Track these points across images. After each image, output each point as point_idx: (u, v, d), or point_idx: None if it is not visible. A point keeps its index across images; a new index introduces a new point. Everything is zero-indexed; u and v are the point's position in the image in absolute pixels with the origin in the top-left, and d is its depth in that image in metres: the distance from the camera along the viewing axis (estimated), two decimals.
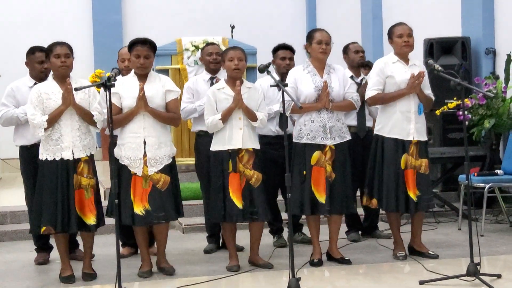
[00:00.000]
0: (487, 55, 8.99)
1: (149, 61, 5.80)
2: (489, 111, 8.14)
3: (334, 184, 5.96)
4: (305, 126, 5.99)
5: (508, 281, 5.41)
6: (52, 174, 5.60)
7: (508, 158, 7.78)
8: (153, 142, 5.72)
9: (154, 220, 5.72)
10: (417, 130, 6.12)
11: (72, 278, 5.76)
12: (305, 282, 5.27)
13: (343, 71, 6.31)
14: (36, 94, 5.61)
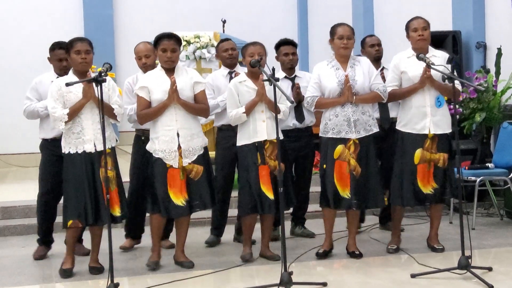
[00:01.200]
0: (478, 49, 9.01)
1: (175, 54, 5.84)
2: (480, 104, 8.15)
3: (359, 178, 5.95)
4: (330, 121, 5.99)
5: (499, 274, 5.44)
6: (76, 168, 5.65)
7: (499, 152, 7.79)
8: (186, 133, 5.76)
9: (193, 209, 5.82)
10: (435, 123, 6.06)
11: (70, 272, 5.76)
12: (297, 275, 5.28)
13: (368, 63, 6.25)
14: (56, 88, 5.66)
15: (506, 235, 7.00)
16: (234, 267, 5.94)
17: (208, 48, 9.50)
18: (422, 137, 6.08)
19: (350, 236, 6.24)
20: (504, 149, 7.69)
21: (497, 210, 7.93)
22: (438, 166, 6.08)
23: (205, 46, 9.52)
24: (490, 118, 8.15)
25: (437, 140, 6.08)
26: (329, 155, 5.97)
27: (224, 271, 5.82)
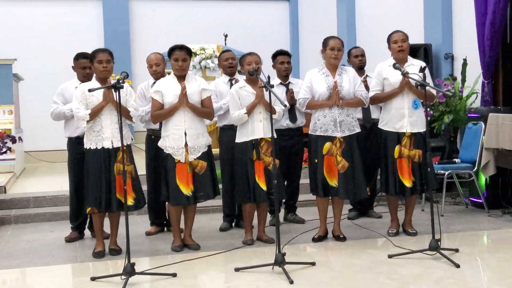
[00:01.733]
0: (446, 60, 9.02)
1: (186, 63, 5.87)
2: (448, 108, 8.20)
3: (346, 172, 5.97)
4: (319, 121, 6.03)
5: (465, 255, 5.46)
6: (95, 161, 5.70)
7: (464, 149, 7.82)
8: (193, 133, 5.80)
9: (198, 200, 5.86)
10: (411, 123, 6.10)
11: (102, 254, 5.82)
12: (289, 256, 5.30)
13: (353, 72, 6.33)
14: (80, 92, 5.71)
15: (470, 221, 7.01)
16: (234, 249, 5.95)
17: (212, 59, 9.51)
18: (400, 135, 6.11)
19: (335, 221, 6.25)
20: (469, 147, 7.71)
21: (463, 199, 7.98)
22: (414, 162, 6.11)
23: (209, 57, 9.53)
24: (457, 119, 8.19)
25: (413, 138, 6.10)
26: (318, 151, 5.99)
27: (226, 252, 5.84)
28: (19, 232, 7.13)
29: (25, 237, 6.84)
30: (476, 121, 7.72)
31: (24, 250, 6.25)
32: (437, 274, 4.94)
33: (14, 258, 5.95)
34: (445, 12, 9.04)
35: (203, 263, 5.53)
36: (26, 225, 7.50)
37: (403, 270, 5.09)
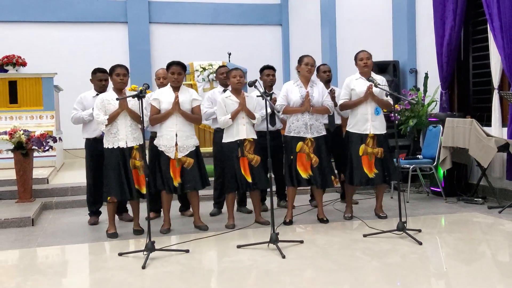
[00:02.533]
0: (411, 74, 9.02)
1: (180, 77, 5.85)
2: (412, 113, 8.20)
3: (318, 166, 6.02)
4: (293, 124, 6.07)
5: (426, 234, 5.47)
6: (114, 159, 5.71)
7: (426, 147, 7.83)
8: (182, 134, 5.80)
9: (185, 190, 5.86)
10: (374, 126, 6.13)
11: (115, 235, 5.81)
12: (282, 236, 5.31)
13: (322, 85, 6.34)
14: (100, 100, 5.74)
15: (431, 206, 7.02)
16: (236, 229, 5.96)
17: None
18: (364, 136, 6.13)
19: (319, 207, 6.28)
20: (429, 145, 7.73)
21: (425, 189, 7.99)
22: (377, 157, 6.12)
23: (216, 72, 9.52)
24: (420, 123, 8.19)
25: (376, 138, 6.13)
26: (293, 149, 6.04)
27: (229, 233, 5.84)
28: (59, 215, 7.13)
29: (64, 220, 6.85)
30: (436, 124, 7.74)
31: (63, 231, 6.26)
32: (403, 250, 4.95)
33: (55, 237, 5.96)
34: (410, 35, 9.04)
35: (211, 242, 5.53)
36: (65, 210, 7.50)
37: (375, 246, 5.10)
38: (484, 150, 6.72)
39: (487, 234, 5.57)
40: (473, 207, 6.84)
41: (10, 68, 11.53)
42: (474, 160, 7.13)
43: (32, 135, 7.43)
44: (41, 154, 8.04)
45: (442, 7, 8.02)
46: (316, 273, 4.41)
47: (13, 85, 9.81)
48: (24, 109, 9.80)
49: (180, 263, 4.78)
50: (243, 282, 4.28)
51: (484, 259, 4.76)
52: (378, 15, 10.13)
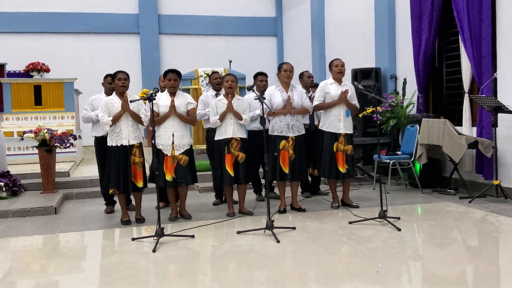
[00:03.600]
0: (391, 79, 9.03)
1: (177, 83, 5.81)
2: (392, 114, 8.21)
3: (294, 162, 6.02)
4: (276, 124, 6.05)
5: (405, 222, 5.48)
6: (116, 155, 5.67)
7: (404, 144, 7.83)
8: (178, 134, 5.77)
9: (178, 184, 5.80)
10: (345, 126, 6.15)
11: (129, 222, 5.82)
12: (276, 223, 5.33)
13: (301, 89, 6.33)
14: (104, 103, 5.71)
15: (408, 196, 7.02)
16: (235, 217, 5.95)
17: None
18: (338, 135, 6.14)
19: (293, 198, 6.28)
20: (408, 143, 7.73)
21: (403, 181, 7.98)
22: (347, 154, 6.14)
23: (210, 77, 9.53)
24: (399, 123, 8.20)
25: (346, 137, 6.15)
26: (277, 147, 6.03)
27: (229, 220, 5.85)
28: (79, 205, 7.13)
29: (83, 209, 6.84)
30: (413, 124, 7.74)
31: (82, 218, 6.25)
32: (384, 235, 4.95)
33: (75, 224, 5.96)
34: (390, 45, 9.06)
35: (213, 228, 5.53)
36: (84, 200, 7.49)
37: (359, 232, 5.10)
38: (456, 147, 6.73)
39: (458, 221, 5.58)
40: (446, 198, 6.85)
41: (35, 73, 11.53)
42: (447, 156, 7.14)
43: (54, 133, 7.42)
44: (62, 150, 8.05)
45: (419, 20, 8.03)
46: (307, 256, 4.41)
47: (37, 89, 9.80)
48: (47, 110, 9.79)
49: (186, 247, 4.78)
50: (242, 264, 4.28)
51: (455, 243, 4.76)
52: (362, 27, 10.14)
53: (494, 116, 6.46)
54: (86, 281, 4.06)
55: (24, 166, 8.80)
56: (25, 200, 6.95)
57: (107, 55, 13.26)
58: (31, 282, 4.00)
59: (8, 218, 6.36)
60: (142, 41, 13.69)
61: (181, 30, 14.05)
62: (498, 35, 6.79)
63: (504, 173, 6.72)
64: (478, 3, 6.82)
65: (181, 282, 3.92)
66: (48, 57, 12.45)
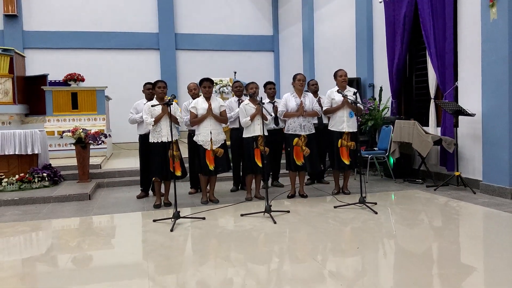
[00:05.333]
0: (369, 87, 9.01)
1: (210, 89, 5.86)
2: (370, 117, 8.19)
3: (308, 156, 6.01)
4: (290, 125, 6.06)
5: (380, 206, 5.48)
6: (157, 150, 5.70)
7: (380, 141, 7.81)
8: (215, 132, 5.81)
9: (218, 172, 5.88)
10: (349, 126, 6.11)
11: (159, 206, 5.85)
12: (273, 207, 5.33)
13: (311, 96, 6.30)
14: (147, 107, 5.73)
15: (384, 185, 7.02)
16: (240, 203, 5.96)
17: (226, 87, 9.48)
18: (341, 133, 6.12)
19: (301, 186, 6.27)
20: (383, 140, 7.71)
21: (379, 172, 7.97)
22: (351, 149, 6.12)
23: (225, 85, 9.49)
24: (376, 124, 8.18)
25: (350, 135, 6.13)
26: (290, 143, 6.01)
27: (235, 205, 5.84)
28: (109, 192, 7.13)
29: (113, 195, 6.84)
30: (388, 125, 7.72)
31: (112, 203, 6.25)
32: (363, 218, 4.96)
33: (106, 208, 5.96)
34: (369, 58, 9.02)
35: (221, 211, 5.53)
36: (113, 188, 7.49)
37: (343, 215, 5.11)
38: (424, 144, 6.72)
39: (425, 206, 5.58)
40: (415, 186, 6.84)
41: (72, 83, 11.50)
42: (416, 151, 7.13)
43: (88, 132, 7.42)
44: (95, 147, 8.04)
45: (393, 38, 8.01)
46: (299, 235, 4.41)
47: (74, 96, 9.79)
48: (82, 113, 9.77)
49: (198, 227, 4.79)
50: (245, 241, 4.29)
51: (423, 224, 4.77)
52: (345, 44, 10.11)
53: (455, 118, 6.45)
54: (115, 255, 4.07)
55: (63, 159, 8.80)
56: (64, 188, 6.96)
57: (132, 67, 13.24)
58: (69, 256, 4.01)
59: (50, 203, 6.36)
60: (162, 55, 13.65)
61: (194, 46, 14.00)
62: (459, 50, 6.77)
63: (463, 165, 6.71)
64: (442, 24, 6.81)
65: (194, 256, 3.93)
66: (83, 69, 12.42)
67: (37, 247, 4.50)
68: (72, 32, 12.94)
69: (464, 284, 3.12)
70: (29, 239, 4.71)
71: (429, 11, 6.95)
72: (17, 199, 6.32)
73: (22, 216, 5.61)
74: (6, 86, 9.22)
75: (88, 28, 13.06)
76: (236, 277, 3.33)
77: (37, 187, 6.98)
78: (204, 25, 14.04)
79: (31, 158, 7.15)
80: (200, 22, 14.01)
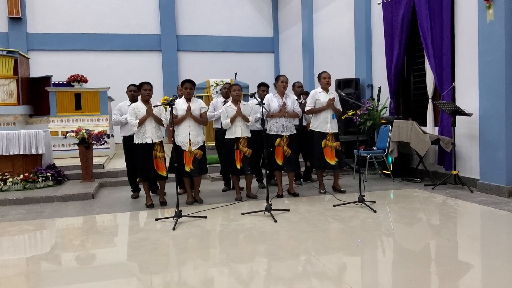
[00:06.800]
0: (368, 88, 9.01)
1: (192, 91, 5.80)
2: (369, 117, 8.19)
3: (289, 156, 6.00)
4: (273, 125, 6.05)
5: (379, 205, 5.48)
6: (142, 151, 5.66)
7: (379, 141, 7.79)
8: (194, 133, 5.75)
9: (194, 174, 5.79)
10: (332, 127, 6.16)
11: (152, 205, 5.82)
12: (274, 206, 5.33)
13: (293, 97, 6.32)
14: (132, 108, 5.70)
15: (382, 184, 7.01)
16: (241, 201, 5.96)
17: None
18: (325, 134, 6.15)
19: (290, 185, 6.30)
20: (382, 140, 7.70)
21: (378, 171, 7.96)
22: (336, 149, 6.14)
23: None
24: (375, 124, 8.18)
25: (333, 135, 6.15)
26: (273, 144, 6.03)
27: (236, 204, 5.85)
28: (112, 191, 7.13)
29: (115, 195, 6.85)
30: (386, 125, 7.72)
31: (115, 202, 6.26)
32: (362, 216, 4.95)
33: (109, 207, 5.96)
34: (367, 59, 9.03)
35: (222, 210, 5.53)
36: (116, 187, 7.50)
37: (342, 213, 5.10)
38: (421, 143, 6.72)
39: (423, 204, 5.57)
40: (413, 185, 6.84)
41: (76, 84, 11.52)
42: (414, 151, 7.13)
43: (92, 133, 7.42)
44: (98, 147, 8.07)
45: (391, 39, 8.00)
46: (299, 233, 4.41)
47: (77, 96, 9.80)
48: (86, 114, 9.78)
49: (200, 226, 4.78)
50: (246, 239, 4.29)
51: (421, 222, 4.76)
52: (344, 45, 10.11)
53: (453, 118, 6.44)
54: (117, 253, 4.07)
55: (67, 159, 8.82)
56: (68, 188, 6.97)
57: (135, 68, 13.26)
58: (73, 255, 4.01)
59: (54, 202, 6.37)
60: (164, 57, 13.67)
61: (195, 48, 14.02)
62: (456, 52, 6.77)
63: (461, 165, 6.71)
64: (439, 25, 6.81)
65: (196, 254, 3.92)
66: (86, 70, 12.44)
67: (41, 245, 4.50)
68: (76, 34, 12.96)
69: (462, 281, 3.12)
70: (34, 237, 4.71)
71: (426, 12, 6.95)
72: (22, 198, 6.33)
73: (26, 215, 5.61)
74: (10, 88, 9.23)
75: (91, 30, 13.08)
76: (236, 275, 3.33)
77: (41, 186, 6.98)
78: (205, 27, 14.05)
79: (35, 158, 7.16)
80: (201, 24, 14.02)
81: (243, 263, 3.59)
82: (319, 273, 3.31)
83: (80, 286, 3.24)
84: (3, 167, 6.95)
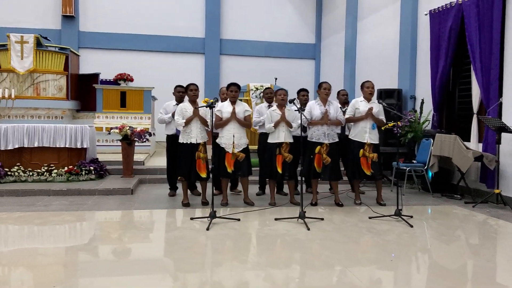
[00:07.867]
0: (411, 99, 8.80)
1: (237, 94, 5.88)
2: (410, 129, 7.99)
3: (329, 165, 5.91)
4: (314, 132, 5.98)
5: (416, 220, 5.34)
6: (186, 150, 5.77)
7: (419, 154, 7.61)
8: (238, 136, 5.81)
9: (236, 176, 5.88)
10: (370, 137, 6.03)
11: (188, 204, 5.89)
12: (308, 214, 5.29)
13: (337, 104, 6.25)
14: (180, 108, 5.83)
15: (421, 199, 6.83)
16: (276, 206, 5.95)
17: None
18: (363, 144, 6.04)
19: (336, 194, 6.19)
20: (422, 153, 7.51)
21: (417, 186, 7.76)
22: (373, 161, 6.01)
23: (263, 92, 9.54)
24: (416, 136, 7.97)
25: (372, 146, 6.03)
26: (313, 151, 5.96)
27: (269, 209, 5.84)
28: (151, 188, 7.27)
29: (154, 192, 6.98)
30: (428, 138, 7.52)
31: (153, 199, 6.38)
32: (398, 230, 4.84)
33: (147, 204, 6.08)
34: (411, 70, 8.83)
35: (256, 214, 5.53)
36: (155, 184, 7.64)
37: (377, 226, 5.00)
38: (464, 159, 6.50)
39: (462, 222, 5.39)
40: (453, 202, 6.63)
41: (122, 82, 11.84)
42: (456, 166, 6.90)
43: (134, 130, 7.60)
44: (140, 144, 8.25)
45: (437, 51, 7.80)
46: (332, 243, 4.35)
47: (123, 94, 10.08)
48: (130, 112, 10.04)
49: (233, 228, 4.80)
50: (279, 245, 4.27)
51: (459, 241, 4.60)
52: (387, 54, 9.93)
53: (498, 135, 6.20)
54: (153, 249, 4.15)
55: (109, 154, 9.05)
56: (109, 182, 7.15)
57: (178, 70, 13.48)
58: (110, 247, 4.11)
59: (95, 195, 6.56)
60: (206, 59, 13.85)
61: (238, 52, 14.13)
62: (505, 66, 6.52)
63: (504, 183, 6.44)
64: (489, 39, 6.58)
65: (229, 255, 3.94)
66: (132, 69, 12.76)
67: (80, 236, 4.64)
68: (125, 34, 13.34)
69: None
70: (74, 228, 4.87)
71: (476, 25, 6.73)
72: (65, 189, 6.55)
73: (68, 206, 5.81)
74: (60, 83, 9.60)
75: (139, 31, 13.43)
76: (272, 280, 3.32)
77: (84, 179, 7.21)
78: (248, 32, 14.14)
79: (80, 151, 7.40)
80: (244, 29, 14.12)
81: (278, 269, 3.57)
82: (353, 285, 3.25)
83: (115, 279, 3.31)
84: (49, 159, 7.23)
